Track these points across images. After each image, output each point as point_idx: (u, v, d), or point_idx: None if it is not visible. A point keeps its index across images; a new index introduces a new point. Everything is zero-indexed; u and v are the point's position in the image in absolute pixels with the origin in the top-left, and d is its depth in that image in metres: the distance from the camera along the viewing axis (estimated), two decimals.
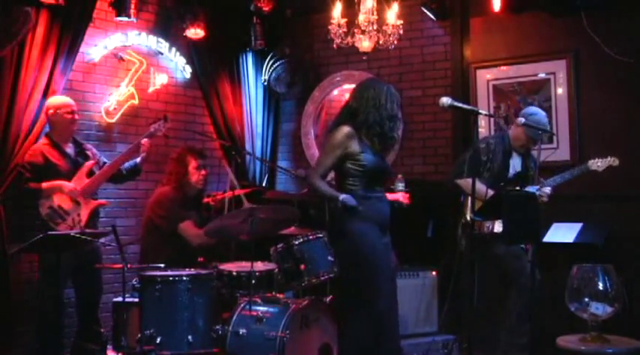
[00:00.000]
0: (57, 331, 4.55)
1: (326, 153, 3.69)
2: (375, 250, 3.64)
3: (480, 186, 4.09)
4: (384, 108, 3.69)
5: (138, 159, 4.89)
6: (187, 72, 6.09)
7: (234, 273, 4.45)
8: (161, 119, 4.93)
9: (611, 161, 4.69)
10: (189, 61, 6.10)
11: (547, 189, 4.57)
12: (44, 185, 4.45)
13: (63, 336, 4.66)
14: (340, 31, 4.98)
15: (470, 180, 3.82)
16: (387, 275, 3.77)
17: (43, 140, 4.63)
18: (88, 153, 4.79)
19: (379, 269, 3.68)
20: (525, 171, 4.73)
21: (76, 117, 4.70)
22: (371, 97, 3.72)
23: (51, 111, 4.61)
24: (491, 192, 3.98)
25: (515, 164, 4.73)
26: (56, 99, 4.68)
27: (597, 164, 4.69)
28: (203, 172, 4.92)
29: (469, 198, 4.14)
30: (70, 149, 4.69)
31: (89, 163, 4.67)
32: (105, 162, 4.83)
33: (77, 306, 4.77)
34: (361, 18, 4.95)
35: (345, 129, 3.67)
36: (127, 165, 4.88)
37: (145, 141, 4.81)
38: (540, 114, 4.73)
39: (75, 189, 4.52)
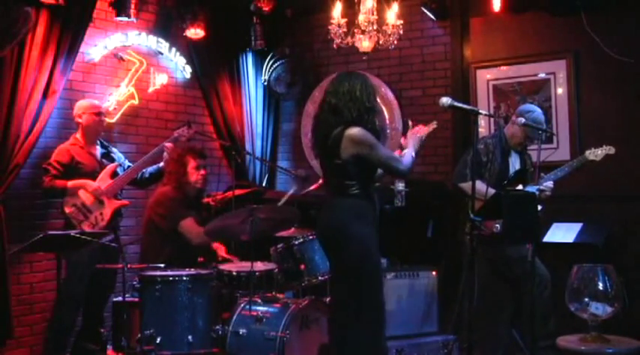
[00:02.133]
0: (69, 332, 4.60)
1: (379, 149, 3.58)
2: (377, 252, 3.64)
3: (484, 188, 4.09)
4: (360, 101, 3.60)
5: (161, 164, 4.98)
6: (187, 72, 6.09)
7: (234, 273, 4.45)
8: (185, 125, 5.03)
9: (608, 149, 4.64)
10: (189, 61, 6.10)
11: (549, 183, 4.56)
12: (70, 183, 4.55)
13: (70, 336, 4.69)
14: (340, 31, 4.98)
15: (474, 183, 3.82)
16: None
17: (71, 140, 4.75)
18: (113, 155, 4.92)
19: (380, 270, 3.70)
20: (524, 169, 4.72)
21: (103, 118, 4.88)
22: (346, 91, 3.62)
23: (80, 112, 4.74)
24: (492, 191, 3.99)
25: (514, 162, 4.73)
26: (85, 102, 4.84)
27: (595, 153, 4.65)
28: (202, 172, 4.92)
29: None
30: (96, 150, 4.81)
31: (113, 165, 4.80)
32: (129, 165, 4.93)
33: (85, 305, 4.78)
34: (361, 18, 4.95)
35: (356, 129, 3.55)
36: (150, 169, 4.99)
37: (168, 144, 4.90)
38: (537, 111, 4.72)
39: (99, 187, 4.62)
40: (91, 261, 4.47)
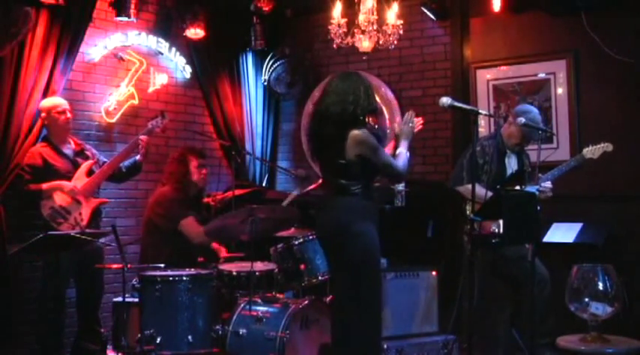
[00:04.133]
0: (57, 331, 4.56)
1: (380, 152, 3.62)
2: (379, 250, 3.66)
3: (481, 191, 4.08)
4: (354, 102, 3.62)
5: (137, 157, 4.89)
6: (187, 72, 6.09)
7: (234, 273, 4.45)
8: (158, 116, 4.92)
9: (605, 147, 4.64)
10: (189, 61, 6.10)
11: (548, 184, 4.55)
12: (44, 186, 4.46)
13: (63, 336, 4.67)
14: (340, 31, 4.98)
15: (470, 187, 3.81)
16: None
17: (41, 143, 4.63)
18: (87, 153, 4.79)
19: (381, 268, 3.71)
20: (522, 169, 4.71)
21: (69, 115, 4.67)
22: (335, 94, 3.65)
23: (43, 114, 4.62)
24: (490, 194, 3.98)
25: (512, 163, 4.72)
26: (47, 101, 4.67)
27: (592, 151, 4.65)
28: (204, 171, 4.93)
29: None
30: (68, 150, 4.69)
31: (89, 163, 4.68)
32: (104, 162, 4.82)
33: (78, 306, 4.77)
34: (361, 18, 4.95)
35: (361, 130, 3.58)
36: (126, 162, 4.87)
37: (142, 137, 4.80)
38: (535, 111, 4.71)
39: (75, 187, 4.52)
40: (73, 262, 4.43)
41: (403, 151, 3.77)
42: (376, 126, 3.77)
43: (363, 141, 3.57)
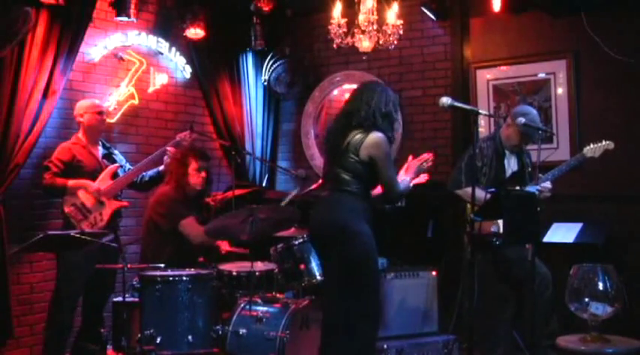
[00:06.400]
0: (67, 333, 4.59)
1: (390, 165, 3.70)
2: (376, 250, 3.66)
3: (480, 194, 4.08)
4: (377, 107, 3.69)
5: (161, 167, 4.97)
6: (187, 72, 6.09)
7: (234, 273, 4.46)
8: (187, 129, 5.05)
9: (607, 145, 4.60)
10: (189, 61, 6.10)
11: (547, 184, 4.55)
12: (70, 182, 4.54)
13: (69, 337, 4.69)
14: (340, 31, 4.98)
15: (468, 190, 3.81)
16: None
17: (73, 139, 4.74)
18: (115, 157, 4.92)
19: (378, 268, 3.72)
20: (522, 170, 4.70)
21: (105, 117, 4.88)
22: (365, 97, 3.72)
23: (82, 112, 4.73)
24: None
25: (512, 164, 4.71)
26: (87, 102, 4.83)
27: (593, 150, 4.61)
28: (203, 174, 4.87)
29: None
30: (98, 151, 4.81)
31: (114, 166, 4.79)
32: (129, 168, 4.93)
33: (84, 306, 4.78)
34: (361, 18, 4.95)
35: (381, 135, 3.66)
36: (150, 172, 4.98)
37: (170, 149, 4.90)
38: (534, 112, 4.70)
39: (99, 189, 4.61)
40: (88, 262, 4.45)
41: (407, 179, 3.85)
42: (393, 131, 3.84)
43: (379, 145, 3.64)
